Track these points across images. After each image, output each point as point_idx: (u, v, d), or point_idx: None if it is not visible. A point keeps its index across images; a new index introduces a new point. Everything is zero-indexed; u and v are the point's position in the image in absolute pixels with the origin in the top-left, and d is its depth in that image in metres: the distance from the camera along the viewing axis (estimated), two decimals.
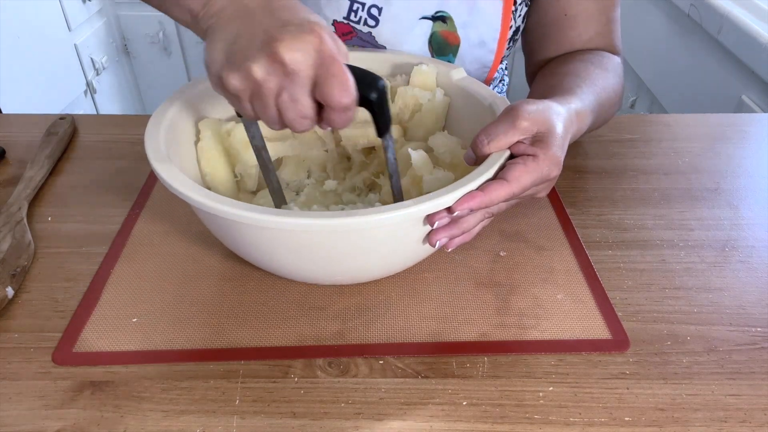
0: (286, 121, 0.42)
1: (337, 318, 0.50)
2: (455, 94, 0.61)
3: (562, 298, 0.51)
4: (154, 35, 1.93)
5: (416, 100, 0.60)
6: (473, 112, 0.58)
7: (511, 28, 0.70)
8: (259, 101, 0.41)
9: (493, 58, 0.72)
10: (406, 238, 0.46)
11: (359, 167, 0.60)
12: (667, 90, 1.39)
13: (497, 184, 0.44)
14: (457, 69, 0.61)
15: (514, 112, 0.47)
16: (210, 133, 0.55)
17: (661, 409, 0.43)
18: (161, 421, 0.42)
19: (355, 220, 0.41)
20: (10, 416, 0.42)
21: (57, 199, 0.63)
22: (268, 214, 0.41)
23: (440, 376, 0.45)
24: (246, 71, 0.39)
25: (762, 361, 0.46)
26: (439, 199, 0.42)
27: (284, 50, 0.38)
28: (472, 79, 0.60)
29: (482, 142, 0.47)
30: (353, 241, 0.44)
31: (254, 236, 0.45)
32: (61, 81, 1.63)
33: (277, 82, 0.39)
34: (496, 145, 0.47)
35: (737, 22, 1.08)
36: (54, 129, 0.72)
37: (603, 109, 0.61)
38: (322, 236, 0.43)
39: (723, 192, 0.64)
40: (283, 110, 0.41)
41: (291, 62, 0.38)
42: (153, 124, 0.50)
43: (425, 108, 0.60)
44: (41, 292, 0.52)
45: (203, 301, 0.51)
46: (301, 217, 0.41)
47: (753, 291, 0.52)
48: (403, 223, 0.43)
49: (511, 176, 0.45)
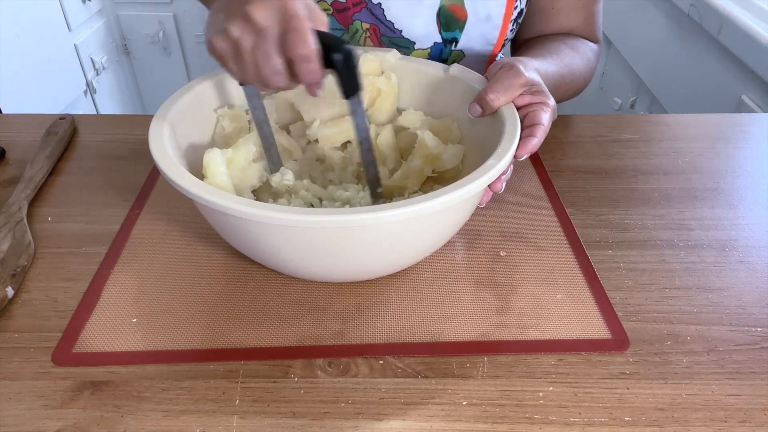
0: (263, 78, 0.46)
1: (337, 318, 0.50)
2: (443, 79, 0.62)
3: (561, 298, 0.51)
4: (154, 35, 1.93)
5: (375, 86, 0.61)
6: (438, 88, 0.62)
7: (516, 8, 0.72)
8: (240, 59, 0.46)
9: (497, 34, 0.73)
10: (431, 229, 0.48)
11: (341, 163, 0.60)
12: (667, 90, 1.39)
13: (538, 128, 0.51)
14: (391, 51, 0.63)
15: (513, 70, 0.53)
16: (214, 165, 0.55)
17: (661, 409, 0.43)
18: (161, 421, 0.42)
19: (374, 215, 0.41)
20: (10, 416, 0.42)
21: (57, 199, 0.63)
22: (278, 212, 0.41)
23: (440, 376, 0.45)
24: (226, 32, 0.45)
25: (762, 361, 0.46)
26: (483, 177, 0.45)
27: (253, 10, 0.43)
28: (460, 67, 0.62)
29: (492, 99, 0.52)
30: (374, 236, 0.45)
31: (261, 234, 0.45)
32: (61, 81, 1.63)
33: (251, 39, 0.44)
34: (504, 98, 0.53)
35: (737, 22, 1.08)
36: (54, 129, 0.72)
37: (564, 82, 0.67)
38: (338, 233, 0.44)
39: (723, 192, 0.64)
40: (260, 66, 0.45)
41: (259, 20, 0.43)
42: (156, 125, 0.51)
43: (384, 92, 0.61)
44: (41, 292, 0.52)
45: (203, 301, 0.51)
46: (314, 215, 0.41)
47: (753, 291, 0.52)
48: (438, 214, 0.45)
49: (541, 119, 0.52)
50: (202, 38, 2.06)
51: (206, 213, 0.48)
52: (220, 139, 0.58)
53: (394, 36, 0.73)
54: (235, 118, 0.59)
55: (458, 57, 0.75)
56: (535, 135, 0.51)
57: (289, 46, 0.44)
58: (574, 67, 0.68)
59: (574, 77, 0.68)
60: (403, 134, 0.62)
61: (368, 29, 0.73)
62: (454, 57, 0.75)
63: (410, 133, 0.61)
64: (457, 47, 0.74)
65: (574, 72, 0.68)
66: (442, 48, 0.74)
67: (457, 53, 0.75)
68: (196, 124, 0.57)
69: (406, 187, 0.57)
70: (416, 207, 0.42)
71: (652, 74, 1.46)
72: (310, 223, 0.41)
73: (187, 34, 1.94)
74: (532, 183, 0.65)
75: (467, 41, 0.73)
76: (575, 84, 0.70)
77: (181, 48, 1.97)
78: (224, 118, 0.58)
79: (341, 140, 0.60)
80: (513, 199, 0.63)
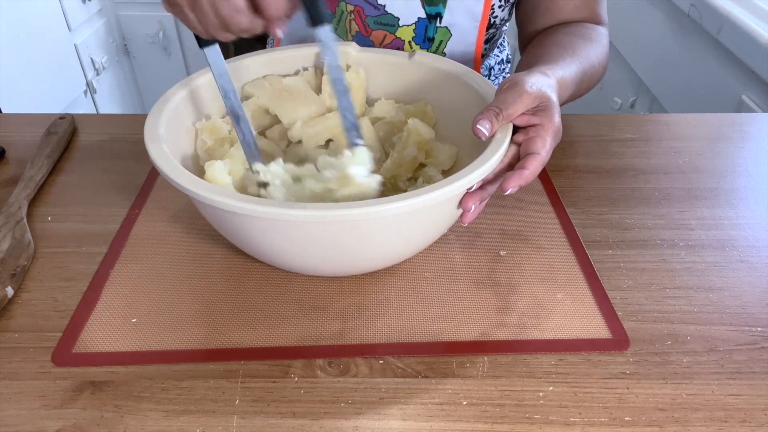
0: (223, 18, 0.45)
1: (337, 318, 0.50)
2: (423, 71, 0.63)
3: (562, 297, 0.51)
4: (154, 35, 1.93)
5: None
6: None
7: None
8: (198, 7, 0.45)
9: (481, 9, 0.73)
10: (432, 219, 0.48)
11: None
12: (667, 90, 1.39)
13: (532, 159, 0.48)
14: (351, 44, 0.63)
15: (518, 86, 0.50)
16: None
17: (661, 409, 0.43)
18: (161, 421, 0.42)
19: (382, 209, 0.41)
20: (10, 416, 0.42)
21: (57, 199, 0.63)
22: (277, 207, 0.41)
23: (440, 376, 0.45)
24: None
25: (762, 361, 0.46)
26: (466, 177, 0.44)
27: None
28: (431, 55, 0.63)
29: (493, 117, 0.49)
30: (380, 226, 0.45)
31: (260, 229, 0.45)
32: (61, 81, 1.63)
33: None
34: (505, 117, 0.49)
35: (737, 22, 1.08)
36: (54, 129, 0.72)
37: (586, 77, 0.64)
38: (336, 227, 0.44)
39: (723, 192, 0.64)
40: (218, 9, 0.44)
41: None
42: (151, 123, 0.51)
43: (354, 86, 0.62)
44: (41, 292, 0.52)
45: (203, 301, 0.51)
46: (316, 210, 0.41)
47: (753, 291, 0.52)
48: (437, 205, 0.45)
49: (537, 149, 0.49)
50: None
51: (205, 210, 0.48)
52: (203, 154, 0.57)
53: (377, 14, 0.72)
54: (214, 130, 0.57)
55: (444, 35, 0.74)
56: (527, 167, 0.48)
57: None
58: (592, 58, 0.66)
59: (594, 69, 0.67)
60: (379, 124, 0.62)
61: (353, 11, 0.73)
62: (440, 36, 0.74)
63: (387, 122, 0.62)
64: (441, 23, 0.73)
65: (594, 64, 0.67)
66: (426, 24, 0.73)
67: (443, 31, 0.74)
68: (179, 137, 0.56)
69: (399, 176, 0.57)
70: (420, 198, 0.42)
71: (652, 74, 1.46)
72: (310, 218, 0.41)
73: (187, 34, 1.94)
74: (532, 182, 0.65)
75: (451, 17, 0.72)
76: (596, 75, 0.68)
77: (181, 48, 1.97)
78: (203, 131, 0.57)
79: (325, 137, 0.60)
80: (513, 199, 0.63)
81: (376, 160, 0.60)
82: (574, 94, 0.63)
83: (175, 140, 0.53)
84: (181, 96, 0.56)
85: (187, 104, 0.57)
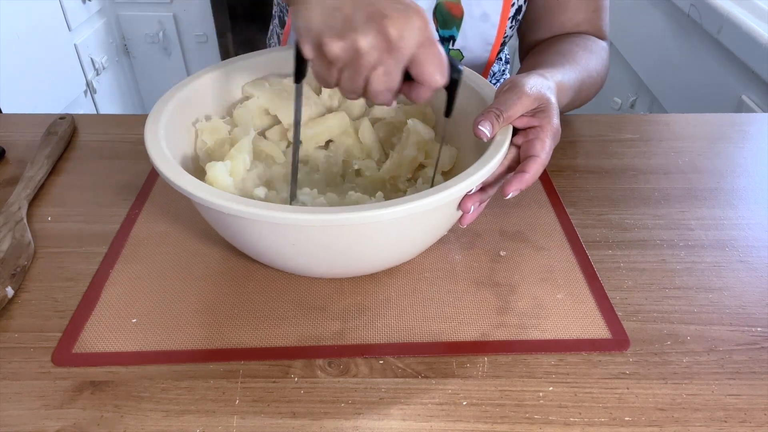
0: (371, 92, 0.43)
1: (337, 318, 0.50)
2: None
3: (562, 297, 0.51)
4: (154, 35, 1.93)
5: None
6: None
7: (513, 5, 0.72)
8: (353, 71, 0.42)
9: (495, 33, 0.73)
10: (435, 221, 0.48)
11: (326, 163, 0.61)
12: (667, 90, 1.39)
13: (533, 162, 0.48)
14: None
15: (517, 88, 0.50)
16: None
17: (661, 409, 0.43)
18: (161, 421, 0.42)
19: (397, 209, 0.42)
20: (10, 416, 0.42)
21: (57, 199, 0.63)
22: (277, 211, 0.41)
23: (440, 376, 0.45)
24: (351, 41, 0.40)
25: (762, 361, 0.46)
26: (465, 181, 0.44)
27: (392, 27, 0.40)
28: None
29: (494, 119, 0.49)
30: (381, 230, 0.45)
31: (262, 233, 0.45)
32: (61, 81, 1.63)
33: (377, 56, 0.41)
34: (505, 118, 0.49)
35: (737, 22, 1.08)
36: (54, 129, 0.72)
37: (584, 87, 0.64)
38: (336, 230, 0.44)
39: (723, 192, 0.64)
40: (374, 83, 0.42)
41: (397, 39, 0.40)
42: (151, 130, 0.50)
43: None
44: (41, 292, 0.52)
45: (203, 301, 0.51)
46: (321, 213, 0.41)
47: (753, 291, 0.52)
48: (440, 207, 0.45)
49: (537, 151, 0.49)
50: (202, 38, 2.10)
51: (205, 212, 0.48)
52: (203, 154, 0.57)
53: None
54: (214, 131, 0.57)
55: (456, 57, 0.75)
56: (528, 170, 0.48)
57: (426, 72, 0.42)
58: (591, 69, 0.67)
59: (593, 80, 0.67)
60: (379, 125, 0.62)
61: None
62: None
63: (387, 123, 0.62)
64: (454, 46, 0.74)
65: (592, 74, 0.67)
66: None
67: (455, 53, 0.75)
68: (179, 137, 0.55)
69: (399, 176, 0.58)
70: (420, 202, 0.42)
71: (652, 74, 1.46)
72: (310, 221, 0.41)
73: (187, 34, 1.94)
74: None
75: (464, 40, 0.73)
76: (595, 86, 0.69)
77: (181, 48, 1.97)
78: (203, 132, 0.57)
79: (325, 138, 0.60)
80: (513, 199, 0.62)
81: (376, 161, 0.60)
82: (573, 101, 0.63)
83: (175, 141, 0.53)
84: (182, 96, 0.56)
85: (187, 104, 0.57)
